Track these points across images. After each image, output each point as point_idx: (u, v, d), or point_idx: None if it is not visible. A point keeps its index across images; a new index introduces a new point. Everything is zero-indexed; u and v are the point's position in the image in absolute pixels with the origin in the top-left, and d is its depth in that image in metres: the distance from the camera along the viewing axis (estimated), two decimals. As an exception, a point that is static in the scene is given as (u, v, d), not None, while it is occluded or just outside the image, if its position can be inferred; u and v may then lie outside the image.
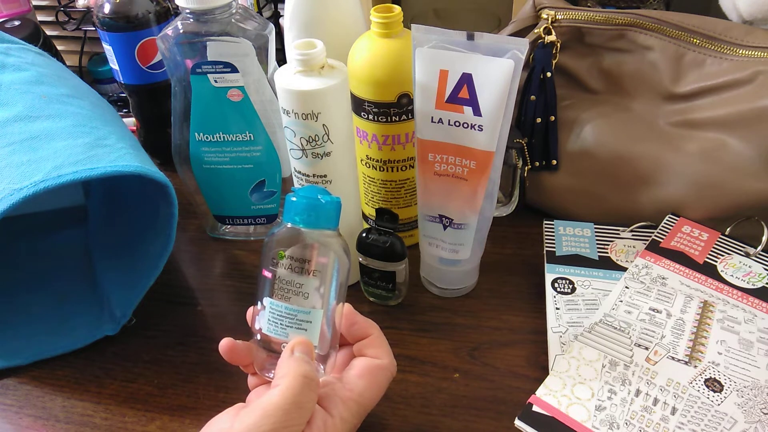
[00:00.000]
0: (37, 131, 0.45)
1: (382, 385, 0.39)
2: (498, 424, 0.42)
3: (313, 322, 0.37)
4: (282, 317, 0.37)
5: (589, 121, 0.54)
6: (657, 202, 0.52)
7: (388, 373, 0.39)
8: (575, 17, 0.53)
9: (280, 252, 0.37)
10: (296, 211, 0.37)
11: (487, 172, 0.44)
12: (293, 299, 0.37)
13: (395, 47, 0.46)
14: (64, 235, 0.59)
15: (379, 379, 0.38)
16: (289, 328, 0.37)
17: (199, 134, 0.53)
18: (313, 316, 0.37)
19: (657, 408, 0.39)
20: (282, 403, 0.32)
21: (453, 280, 0.51)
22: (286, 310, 0.37)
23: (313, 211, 0.37)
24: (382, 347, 0.39)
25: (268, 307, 0.37)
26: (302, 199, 0.37)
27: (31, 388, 0.47)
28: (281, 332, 0.37)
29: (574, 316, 0.46)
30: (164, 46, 0.49)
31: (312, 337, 0.37)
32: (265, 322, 0.37)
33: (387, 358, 0.39)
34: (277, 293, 0.37)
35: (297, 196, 0.37)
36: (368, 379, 0.38)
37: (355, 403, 0.37)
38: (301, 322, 0.37)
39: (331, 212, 0.38)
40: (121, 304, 0.50)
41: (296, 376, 0.34)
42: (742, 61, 0.49)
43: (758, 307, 0.45)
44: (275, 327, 0.37)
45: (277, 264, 0.37)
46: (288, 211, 0.38)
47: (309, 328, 0.37)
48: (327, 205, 0.38)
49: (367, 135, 0.50)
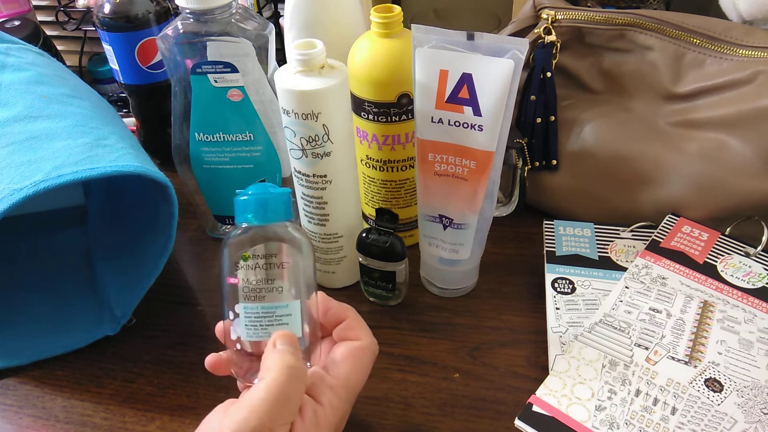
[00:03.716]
0: (37, 131, 0.45)
1: (366, 365, 0.38)
2: (498, 424, 0.42)
3: (293, 314, 0.36)
4: (260, 318, 0.36)
5: (589, 121, 0.54)
6: (657, 202, 0.52)
7: (370, 352, 0.38)
8: (575, 17, 0.53)
9: (244, 254, 0.36)
10: (248, 209, 0.37)
11: (487, 172, 0.44)
12: (267, 297, 0.36)
13: (395, 47, 0.46)
14: (64, 235, 0.59)
15: (363, 361, 0.38)
16: (269, 326, 0.36)
17: (199, 134, 0.53)
18: (292, 308, 0.36)
19: (657, 408, 0.39)
20: (268, 397, 0.32)
21: (453, 280, 0.51)
22: (262, 310, 0.36)
23: (264, 205, 0.37)
24: (360, 328, 0.39)
25: (242, 313, 0.36)
26: (251, 197, 0.37)
27: (31, 388, 0.47)
28: (263, 333, 0.36)
29: (574, 316, 0.46)
30: (164, 46, 0.49)
31: (295, 330, 0.36)
32: (242, 329, 0.36)
33: (366, 338, 0.39)
34: (249, 296, 0.36)
35: (245, 195, 0.37)
36: (351, 362, 0.37)
37: (342, 389, 0.36)
38: (281, 317, 0.36)
39: (282, 204, 0.37)
40: (121, 304, 0.50)
41: (281, 368, 0.33)
42: (742, 61, 0.49)
43: (758, 307, 0.45)
44: (255, 330, 0.36)
45: (243, 267, 0.36)
46: (240, 211, 0.37)
47: (290, 321, 0.36)
48: (278, 197, 0.37)
49: (367, 135, 0.50)
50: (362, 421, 0.43)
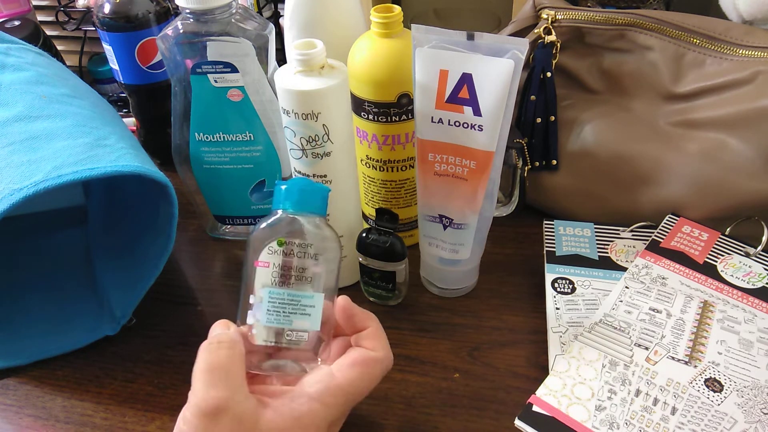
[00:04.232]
0: (37, 131, 0.45)
1: (375, 377, 0.37)
2: (498, 424, 0.42)
3: (316, 306, 0.37)
4: (284, 305, 0.36)
5: (589, 121, 0.54)
6: (657, 202, 0.52)
7: (383, 365, 0.38)
8: (575, 17, 0.53)
9: (280, 239, 0.37)
10: (288, 197, 0.38)
11: (487, 172, 0.44)
12: (295, 285, 0.37)
13: (395, 47, 0.46)
14: (64, 235, 0.59)
15: (373, 371, 0.37)
16: (292, 314, 0.36)
17: (199, 134, 0.53)
18: (316, 300, 0.37)
19: (657, 408, 0.39)
20: (203, 367, 0.34)
21: (453, 280, 0.51)
22: (288, 297, 0.36)
23: (304, 195, 0.38)
24: (378, 339, 0.38)
25: (266, 297, 0.36)
26: (293, 185, 0.38)
27: (31, 388, 0.47)
28: (284, 320, 0.36)
29: (574, 316, 0.46)
30: (164, 46, 0.49)
31: (314, 323, 0.37)
32: (263, 313, 0.36)
33: (382, 351, 0.38)
34: (277, 281, 0.36)
35: (286, 184, 0.38)
36: (360, 369, 0.37)
37: (341, 391, 0.36)
38: (305, 307, 0.37)
39: (320, 197, 0.38)
40: (121, 304, 0.50)
41: (207, 342, 0.35)
42: (742, 61, 0.49)
43: (758, 307, 0.45)
44: (276, 316, 0.36)
45: (276, 252, 0.37)
46: (279, 199, 0.38)
47: (312, 313, 0.37)
48: (317, 190, 0.38)
49: (367, 135, 0.50)
50: (362, 421, 0.43)
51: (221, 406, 0.32)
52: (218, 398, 0.32)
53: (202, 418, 0.32)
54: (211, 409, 0.32)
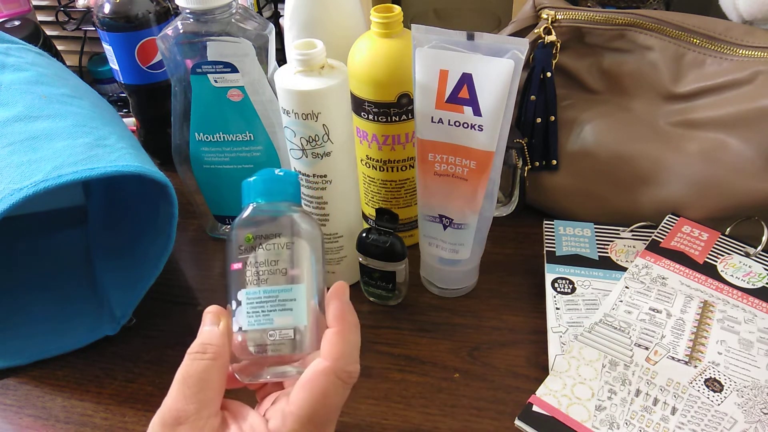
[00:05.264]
0: (37, 131, 0.45)
1: (328, 394, 0.31)
2: (498, 424, 0.42)
3: (297, 299, 0.33)
4: (262, 303, 0.33)
5: (589, 121, 0.54)
6: (657, 202, 0.52)
7: (332, 378, 0.31)
8: (575, 17, 0.53)
9: (247, 236, 0.34)
10: (255, 190, 0.35)
11: (487, 172, 0.44)
12: (270, 279, 0.33)
13: (395, 47, 0.46)
14: (64, 235, 0.59)
15: (322, 388, 0.31)
16: (272, 312, 0.33)
17: (199, 134, 0.53)
18: (296, 293, 0.33)
19: (657, 408, 0.39)
20: (177, 378, 0.32)
21: (453, 280, 0.51)
22: (264, 294, 0.33)
23: (271, 184, 0.35)
24: (333, 345, 0.32)
25: (244, 300, 0.33)
26: (259, 176, 0.35)
27: (31, 388, 0.47)
28: (264, 320, 0.33)
29: (574, 316, 0.46)
30: (164, 46, 0.49)
31: (299, 317, 0.33)
32: (244, 317, 0.33)
33: (330, 359, 0.32)
34: (252, 281, 0.33)
35: (252, 176, 0.36)
36: (308, 390, 0.31)
37: (296, 418, 0.31)
38: (284, 302, 0.33)
39: (290, 184, 0.36)
40: (121, 304, 0.50)
41: (191, 350, 0.33)
42: (742, 61, 0.49)
43: (758, 307, 0.45)
44: (256, 318, 0.33)
45: (246, 250, 0.34)
46: (247, 194, 0.36)
47: (294, 307, 0.33)
48: (285, 177, 0.36)
49: (367, 135, 0.50)
50: (362, 421, 0.43)
51: (182, 418, 0.31)
52: (180, 410, 0.31)
53: (162, 426, 0.31)
54: (172, 420, 0.31)
